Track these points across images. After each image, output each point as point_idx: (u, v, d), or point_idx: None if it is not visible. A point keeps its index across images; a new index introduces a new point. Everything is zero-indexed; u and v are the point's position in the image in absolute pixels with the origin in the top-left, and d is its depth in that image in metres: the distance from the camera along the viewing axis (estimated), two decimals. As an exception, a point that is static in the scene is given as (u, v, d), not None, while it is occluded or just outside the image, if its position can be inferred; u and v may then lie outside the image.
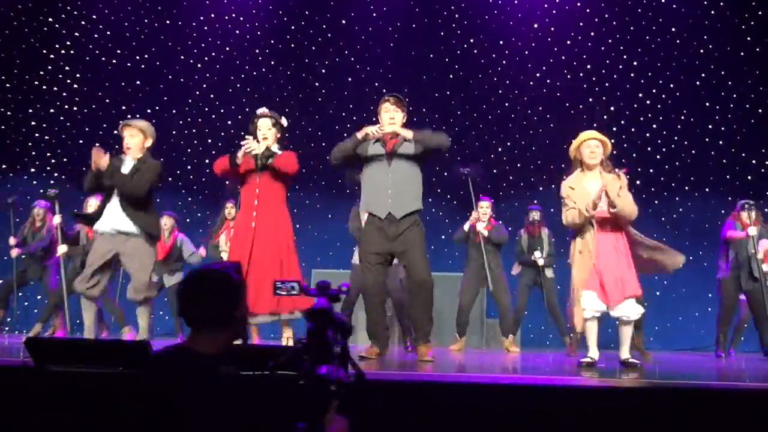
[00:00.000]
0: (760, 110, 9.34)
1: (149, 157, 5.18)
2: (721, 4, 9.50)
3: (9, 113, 10.19)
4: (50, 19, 10.23)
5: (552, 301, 7.51)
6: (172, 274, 7.84)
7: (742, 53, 9.41)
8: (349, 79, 10.10)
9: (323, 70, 10.15)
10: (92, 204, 6.65)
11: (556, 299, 7.41)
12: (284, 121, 5.19)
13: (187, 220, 8.72)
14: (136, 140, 5.14)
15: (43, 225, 7.51)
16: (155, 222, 5.22)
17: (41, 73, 10.22)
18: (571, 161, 5.03)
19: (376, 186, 4.77)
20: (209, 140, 10.10)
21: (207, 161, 10.05)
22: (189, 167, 10.05)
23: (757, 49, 9.37)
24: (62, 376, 2.81)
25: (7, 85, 10.18)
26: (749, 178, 9.32)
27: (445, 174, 9.20)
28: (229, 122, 9.96)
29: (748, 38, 9.40)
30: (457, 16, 10.00)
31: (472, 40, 10.00)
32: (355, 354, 5.44)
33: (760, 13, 9.38)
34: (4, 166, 10.01)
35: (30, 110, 10.19)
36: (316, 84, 10.15)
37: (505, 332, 7.20)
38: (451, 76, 9.97)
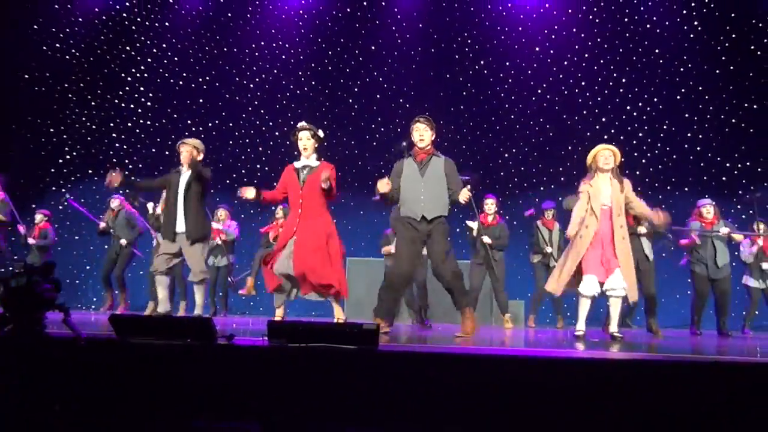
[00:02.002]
0: (733, 120, 9.18)
1: (200, 167, 5.39)
2: (699, 29, 9.34)
3: (94, 127, 10.36)
4: (127, 48, 10.37)
5: None
6: (222, 256, 7.93)
7: (717, 71, 9.25)
8: (378, 96, 10.10)
9: (356, 89, 10.16)
10: None
11: None
12: (321, 133, 5.20)
13: (242, 216, 8.79)
14: (190, 155, 5.37)
15: (119, 212, 7.77)
16: (205, 223, 5.42)
17: (120, 93, 10.37)
18: (587, 167, 5.11)
19: (412, 194, 4.74)
20: (260, 148, 10.17)
21: (258, 166, 10.15)
22: (243, 171, 10.13)
23: (731, 68, 9.20)
24: (139, 347, 2.85)
25: (93, 103, 10.35)
26: (724, 179, 9.17)
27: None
28: (277, 133, 10.02)
29: (723, 58, 9.24)
30: (469, 41, 9.95)
31: (482, 62, 9.94)
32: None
33: (733, 36, 9.21)
34: (90, 171, 10.18)
35: (111, 124, 10.35)
36: (350, 101, 10.17)
37: (503, 310, 7.15)
38: (464, 93, 9.93)
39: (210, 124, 10.27)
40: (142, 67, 10.37)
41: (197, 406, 2.69)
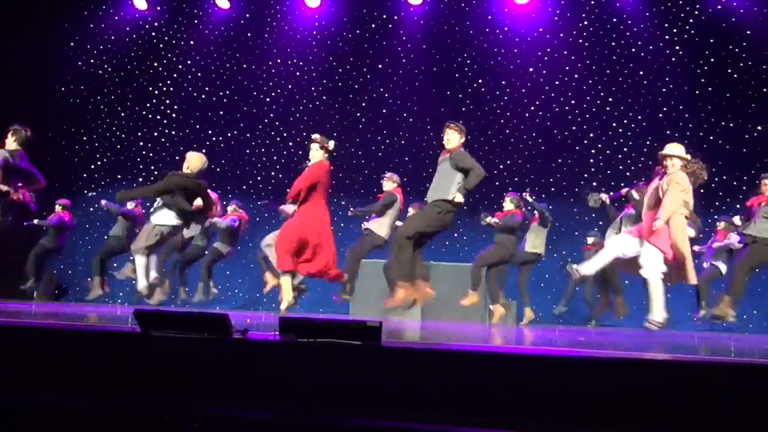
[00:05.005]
0: (711, 137, 9.14)
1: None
2: (680, 53, 9.33)
3: (123, 136, 10.40)
4: (155, 64, 10.41)
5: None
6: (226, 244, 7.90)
7: (696, 92, 9.23)
8: (384, 111, 10.11)
9: (363, 104, 10.17)
10: None
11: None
12: (330, 145, 5.31)
13: (257, 219, 8.79)
14: (184, 165, 5.96)
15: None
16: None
17: (147, 105, 10.41)
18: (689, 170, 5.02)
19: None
20: (274, 157, 10.18)
21: (272, 173, 10.15)
22: (258, 178, 10.15)
23: (709, 89, 9.18)
24: (161, 340, 2.85)
25: (122, 114, 10.39)
26: (701, 191, 9.06)
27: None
28: (290, 143, 10.03)
29: (702, 80, 9.22)
30: (468, 62, 9.96)
31: (480, 81, 9.94)
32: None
33: (712, 60, 9.19)
34: (119, 176, 10.21)
35: (138, 134, 10.39)
36: (358, 114, 10.18)
37: (491, 297, 7.06)
38: (463, 109, 9.92)
39: (229, 134, 10.29)
40: (168, 82, 10.41)
41: (213, 395, 2.68)
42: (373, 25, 10.19)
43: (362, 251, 6.79)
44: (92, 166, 10.36)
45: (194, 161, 5.91)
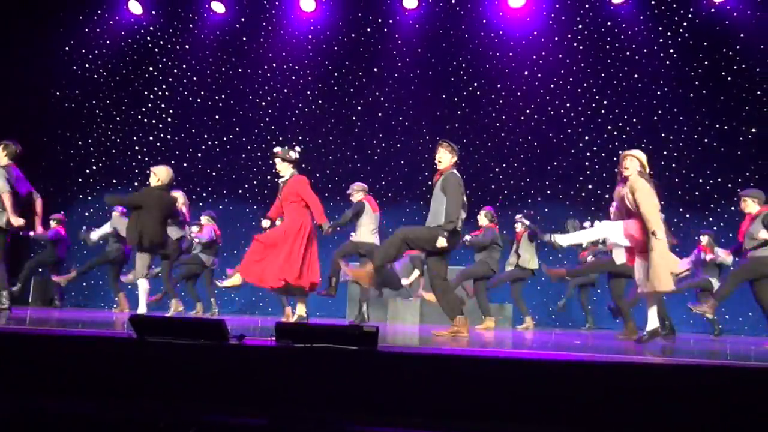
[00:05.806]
0: (705, 140, 9.19)
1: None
2: (675, 56, 9.37)
3: (118, 140, 10.37)
4: (150, 68, 10.40)
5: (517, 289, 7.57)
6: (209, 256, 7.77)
7: (691, 95, 9.27)
8: (380, 114, 10.11)
9: (359, 108, 10.18)
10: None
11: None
12: (292, 154, 5.44)
13: (253, 223, 8.77)
14: (152, 179, 6.00)
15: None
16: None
17: (143, 109, 10.39)
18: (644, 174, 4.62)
19: None
20: (270, 161, 10.15)
21: (268, 177, 10.13)
22: (254, 182, 10.14)
23: (704, 92, 9.23)
24: (157, 346, 2.84)
25: (117, 118, 10.37)
26: (696, 193, 9.16)
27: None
28: (286, 147, 10.00)
29: (696, 83, 9.26)
30: (464, 65, 9.98)
31: (475, 84, 9.97)
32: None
33: (706, 63, 9.24)
34: (114, 181, 10.19)
35: (134, 137, 10.37)
36: (354, 118, 10.18)
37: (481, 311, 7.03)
38: (458, 112, 9.95)
39: (225, 138, 10.28)
40: (164, 86, 10.40)
41: (210, 401, 2.67)
42: (369, 29, 10.20)
43: (344, 251, 6.76)
44: (87, 170, 10.33)
45: (163, 173, 5.96)
